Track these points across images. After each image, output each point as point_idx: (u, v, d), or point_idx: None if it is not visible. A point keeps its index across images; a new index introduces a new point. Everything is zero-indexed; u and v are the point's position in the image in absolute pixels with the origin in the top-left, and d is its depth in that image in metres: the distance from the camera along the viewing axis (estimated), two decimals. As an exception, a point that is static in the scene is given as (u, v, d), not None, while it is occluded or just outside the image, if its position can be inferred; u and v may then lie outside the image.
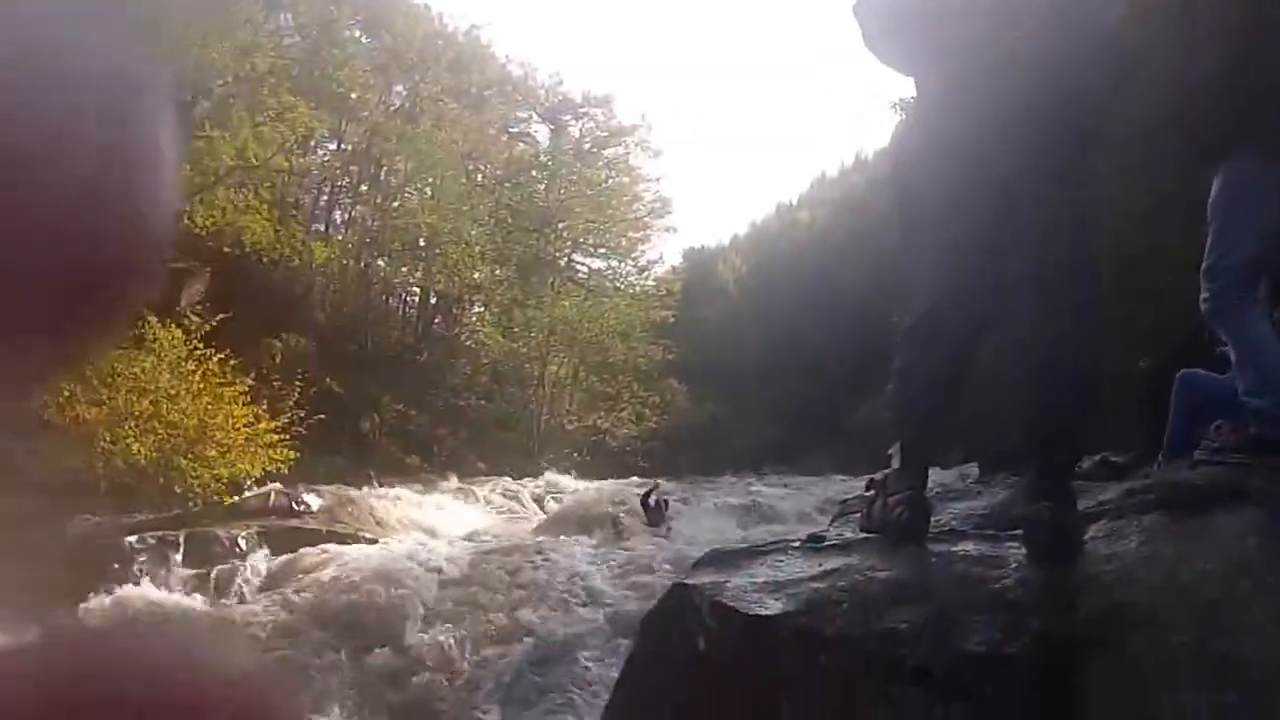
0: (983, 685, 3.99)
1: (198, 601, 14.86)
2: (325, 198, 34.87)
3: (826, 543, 5.59)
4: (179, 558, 15.98)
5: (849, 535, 6.23)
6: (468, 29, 40.39)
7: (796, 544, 5.57)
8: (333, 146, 34.51)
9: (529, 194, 38.69)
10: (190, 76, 23.96)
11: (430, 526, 18.73)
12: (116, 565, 15.57)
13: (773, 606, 4.64)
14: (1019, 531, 4.71)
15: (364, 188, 35.20)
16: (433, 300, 34.79)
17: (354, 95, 33.44)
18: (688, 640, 5.12)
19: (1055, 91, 4.44)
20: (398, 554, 15.59)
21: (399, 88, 36.87)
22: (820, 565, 5.00)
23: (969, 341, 4.90)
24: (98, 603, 14.38)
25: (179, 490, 18.46)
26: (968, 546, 4.86)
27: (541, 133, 44.19)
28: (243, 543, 16.28)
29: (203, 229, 24.19)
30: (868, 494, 6.24)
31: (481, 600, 13.20)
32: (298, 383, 21.44)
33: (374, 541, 16.63)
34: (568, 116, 43.23)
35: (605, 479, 24.57)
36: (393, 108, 35.88)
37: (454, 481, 22.68)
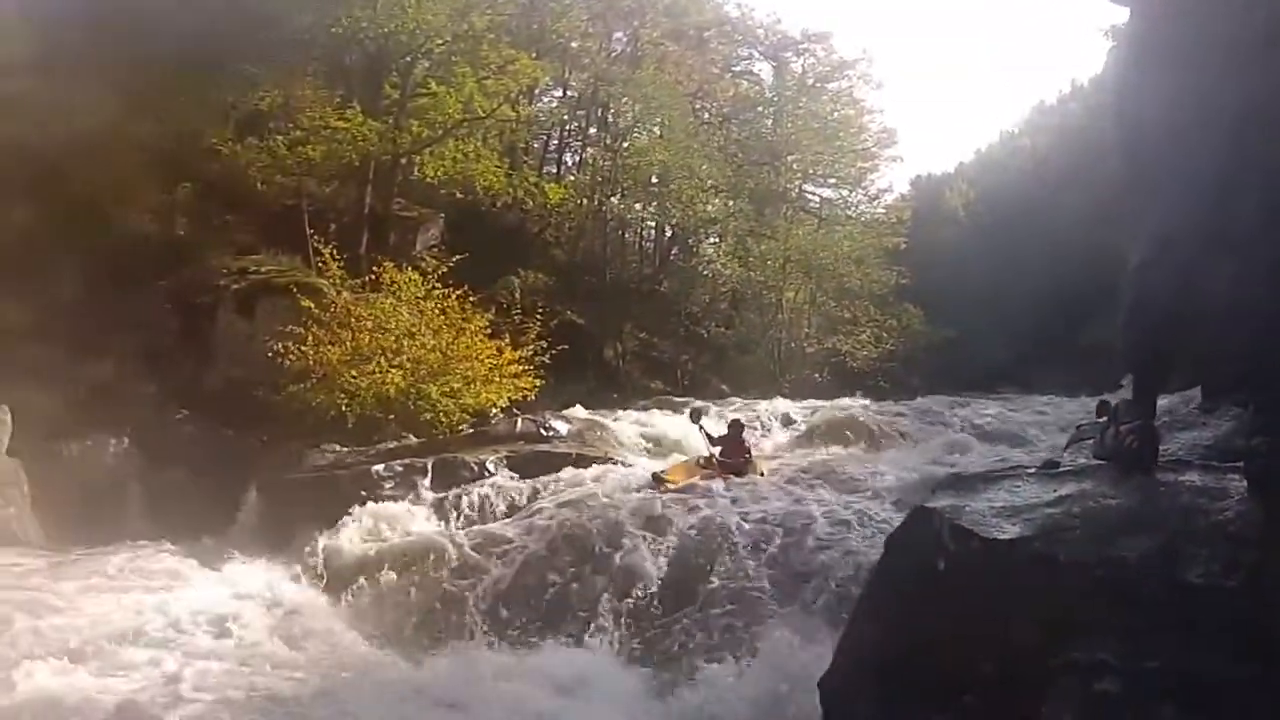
0: (1201, 615, 4.25)
1: (442, 524, 15.38)
2: (555, 142, 35.79)
3: (1061, 469, 5.85)
4: (426, 482, 16.46)
5: (1082, 461, 6.40)
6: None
7: (1032, 470, 5.86)
8: (559, 94, 35.34)
9: (756, 129, 38.94)
10: (408, 39, 24.70)
11: (674, 447, 18.78)
12: (363, 491, 16.17)
13: (1009, 530, 4.99)
14: (1240, 464, 4.82)
15: (592, 130, 36.05)
16: (668, 233, 35.33)
17: (574, 44, 34.07)
18: (928, 561, 5.26)
19: None
20: (642, 474, 15.74)
21: (619, 34, 37.46)
22: (1055, 491, 5.33)
23: (1201, 274, 4.89)
24: (352, 525, 15.13)
25: (426, 419, 19.03)
26: (1193, 477, 5.05)
27: (764, 70, 44.33)
28: (490, 466, 16.67)
29: (434, 179, 24.81)
30: (1099, 420, 6.25)
31: (721, 518, 13.12)
32: (539, 315, 21.77)
33: (621, 463, 16.72)
34: (789, 54, 43.27)
35: (845, 398, 24.11)
36: (614, 54, 36.37)
37: (698, 403, 22.72)
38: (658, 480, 14.76)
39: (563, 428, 18.27)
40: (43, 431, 20.58)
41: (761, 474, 15.41)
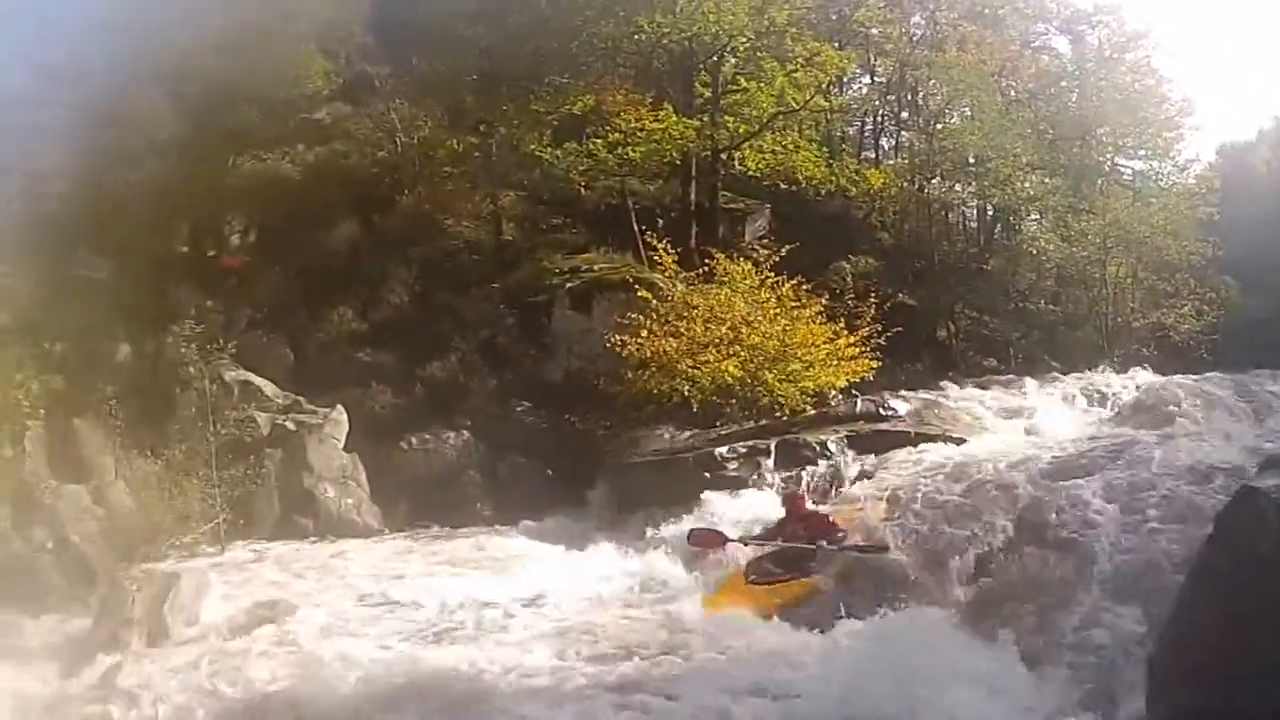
0: None
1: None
2: (869, 128, 35.75)
3: None
4: (769, 463, 16.75)
5: None
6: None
7: None
8: (867, 80, 35.32)
9: (1063, 104, 37.85)
10: (711, 40, 25.12)
11: (1010, 424, 18.57)
12: (707, 473, 16.60)
13: None
14: None
15: (904, 115, 35.85)
16: (989, 212, 34.88)
17: (874, 31, 33.92)
18: (1254, 542, 5.19)
19: None
20: (980, 452, 15.55)
21: (916, 18, 37.16)
22: None
23: None
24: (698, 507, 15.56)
25: (765, 403, 19.30)
26: None
27: (1061, 44, 43.09)
28: (832, 446, 16.79)
29: (756, 172, 25.04)
30: None
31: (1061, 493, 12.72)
32: (872, 299, 21.85)
33: (960, 441, 16.53)
34: (1083, 26, 41.95)
35: (1173, 373, 23.20)
36: (915, 38, 36.09)
37: (1030, 381, 22.24)
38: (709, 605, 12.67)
39: (901, 407, 18.25)
40: (381, 428, 22.06)
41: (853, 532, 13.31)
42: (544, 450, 21.07)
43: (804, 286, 20.81)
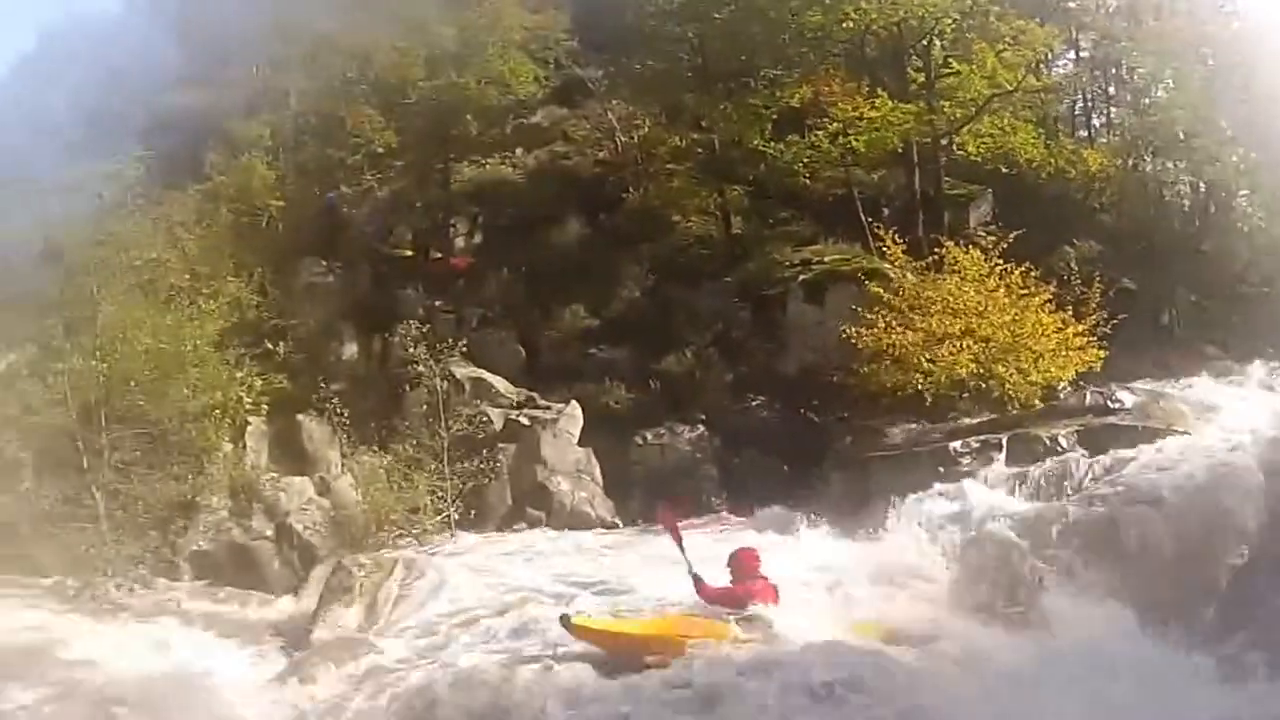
0: None
1: (1015, 499, 15.54)
2: (1079, 106, 35.10)
3: None
4: (1001, 458, 16.86)
5: None
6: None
7: None
8: (1072, 56, 34.66)
9: (1259, 70, 36.61)
10: (918, 25, 25.13)
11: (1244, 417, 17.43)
12: (941, 468, 16.79)
13: None
14: None
15: (1112, 90, 34.98)
16: (1202, 190, 33.95)
17: (1072, 4, 33.18)
18: None
19: None
20: (1211, 448, 14.94)
21: (1112, -13, 36.10)
22: None
23: None
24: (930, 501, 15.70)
25: (997, 396, 19.16)
26: None
27: (1253, 4, 41.34)
28: (1063, 441, 16.73)
29: (976, 156, 25.03)
30: None
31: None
32: (1097, 285, 21.27)
33: (1184, 434, 16.19)
34: None
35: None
36: (1110, 9, 35.21)
37: (1257, 368, 21.62)
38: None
39: (1128, 399, 17.88)
40: (616, 423, 22.63)
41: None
42: (779, 444, 21.30)
43: (1032, 274, 20.41)
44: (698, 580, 11.77)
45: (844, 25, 24.87)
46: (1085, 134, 33.72)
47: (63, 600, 17.58)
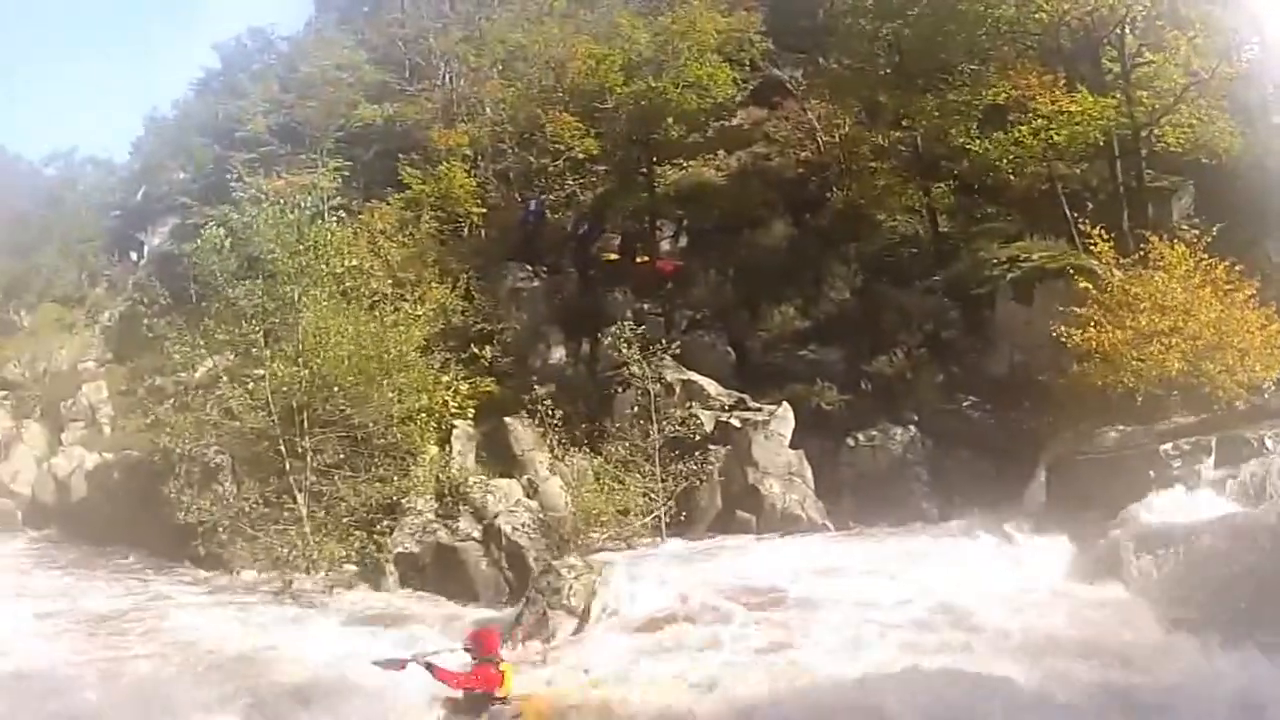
0: None
1: (1225, 503, 15.65)
2: (1270, 92, 34.22)
3: None
4: (1210, 461, 16.85)
5: None
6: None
7: None
8: (1257, 40, 33.79)
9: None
10: (1109, 13, 24.76)
11: None
12: (1151, 472, 16.87)
13: None
14: None
15: (1294, 72, 34.15)
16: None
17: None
18: None
19: None
20: None
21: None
22: None
23: None
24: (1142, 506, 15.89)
25: (1204, 395, 18.91)
26: None
27: None
28: (1269, 443, 16.67)
29: (1176, 147, 24.85)
30: None
31: None
32: (1306, 278, 20.94)
33: None
34: None
35: None
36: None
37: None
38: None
39: None
40: (828, 424, 22.95)
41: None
42: (990, 446, 21.28)
43: (1235, 268, 19.96)
44: (431, 667, 11.22)
45: (1037, 17, 24.91)
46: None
47: (264, 599, 18.83)
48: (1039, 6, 24.76)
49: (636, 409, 22.23)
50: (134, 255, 46.81)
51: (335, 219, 24.66)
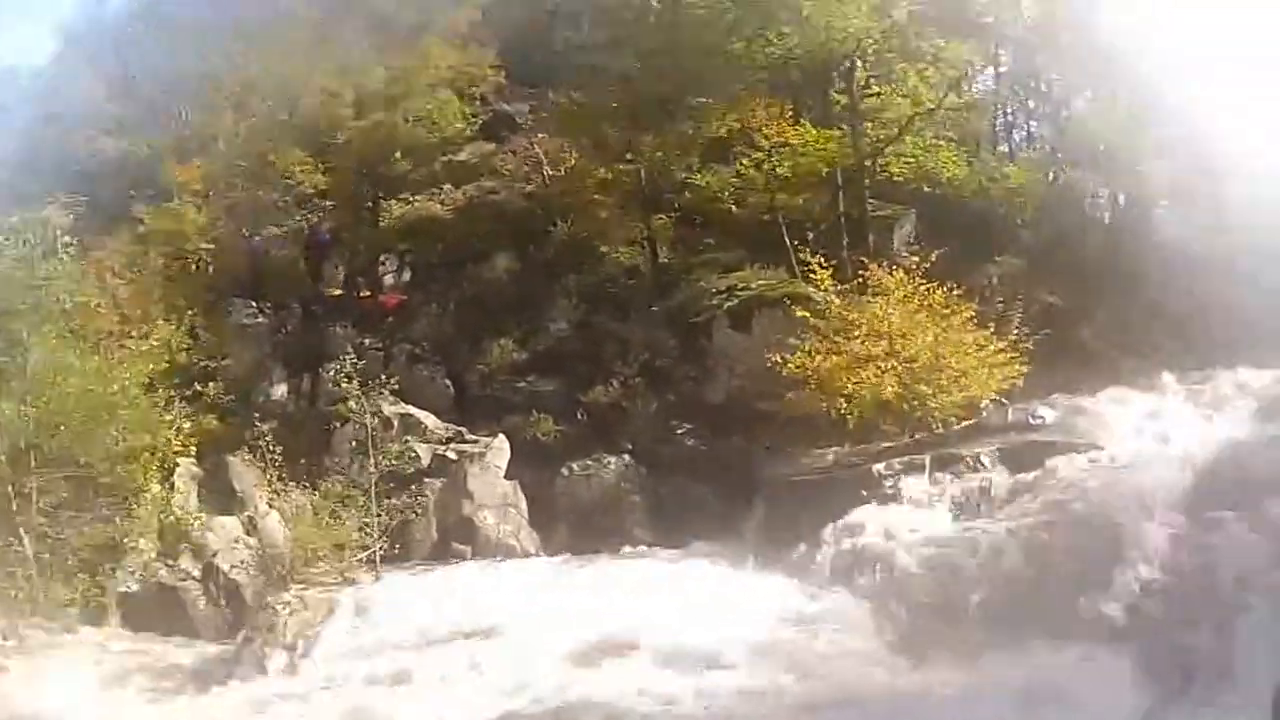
0: None
1: (939, 519, 15.73)
2: (1001, 121, 35.18)
3: None
4: (926, 478, 16.96)
5: None
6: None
7: None
8: (992, 72, 34.82)
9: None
10: (839, 47, 25.01)
11: (1157, 430, 17.75)
12: (864, 491, 16.84)
13: None
14: None
15: (1031, 104, 35.15)
16: (1121, 202, 34.14)
17: (991, 18, 33.23)
18: None
19: None
20: (1124, 461, 15.53)
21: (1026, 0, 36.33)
22: None
23: None
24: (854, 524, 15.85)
25: (920, 416, 19.27)
26: None
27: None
28: (985, 460, 16.89)
29: (900, 176, 25.21)
30: None
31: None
32: (1018, 301, 21.75)
33: (1102, 449, 16.43)
34: None
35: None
36: (1029, 22, 35.40)
37: (1172, 381, 21.81)
38: None
39: (1049, 415, 18.06)
40: (544, 455, 22.88)
41: None
42: (706, 472, 21.47)
43: (954, 292, 20.41)
44: None
45: (767, 51, 25.00)
46: (1006, 149, 33.88)
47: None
48: (769, 41, 24.85)
49: (355, 444, 21.73)
50: None
51: (67, 255, 23.27)
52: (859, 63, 26.06)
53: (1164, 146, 28.38)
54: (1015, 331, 20.78)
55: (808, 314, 20.57)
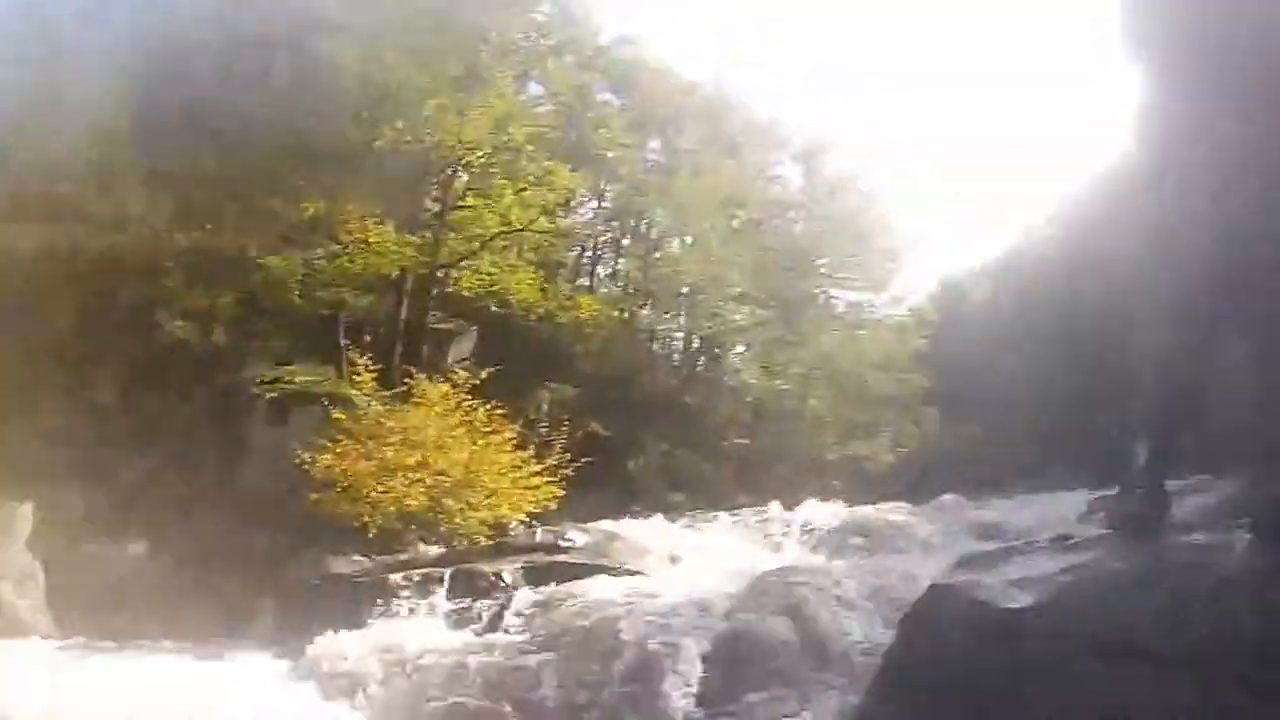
0: (1205, 661, 4.62)
1: (460, 634, 15.47)
2: (589, 254, 36.10)
3: (1071, 541, 6.29)
4: (443, 592, 16.99)
5: (1093, 533, 6.70)
6: (714, 80, 40.43)
7: (1044, 544, 6.36)
8: (594, 205, 35.77)
9: (788, 232, 38.89)
10: (448, 153, 25.41)
11: (693, 556, 18.81)
12: (380, 600, 16.80)
13: (1020, 600, 5.36)
14: (1246, 520, 5.29)
15: (626, 241, 36.21)
16: (695, 344, 35.52)
17: (610, 154, 34.28)
18: (943, 633, 5.67)
19: None
20: (658, 585, 15.77)
21: (654, 144, 37.65)
22: (1065, 561, 5.70)
23: (1216, 353, 5.51)
24: (363, 634, 15.29)
25: (444, 530, 19.47)
26: (1198, 537, 5.48)
27: (794, 173, 43.74)
28: (507, 578, 17.12)
29: (470, 291, 25.34)
30: (1112, 494, 6.81)
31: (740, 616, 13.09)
32: (564, 427, 22.16)
33: (636, 573, 16.97)
34: (817, 155, 42.69)
35: (867, 504, 24.34)
36: (650, 163, 36.67)
37: (719, 514, 22.91)
38: None
39: (580, 539, 18.58)
40: (67, 529, 21.32)
41: None
42: (224, 565, 20.52)
43: (499, 412, 20.85)
44: None
45: (375, 144, 24.96)
46: (588, 281, 34.77)
47: None
48: (380, 133, 24.89)
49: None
50: None
51: None
52: (462, 173, 26.24)
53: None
54: (556, 456, 21.17)
55: (342, 416, 20.53)
